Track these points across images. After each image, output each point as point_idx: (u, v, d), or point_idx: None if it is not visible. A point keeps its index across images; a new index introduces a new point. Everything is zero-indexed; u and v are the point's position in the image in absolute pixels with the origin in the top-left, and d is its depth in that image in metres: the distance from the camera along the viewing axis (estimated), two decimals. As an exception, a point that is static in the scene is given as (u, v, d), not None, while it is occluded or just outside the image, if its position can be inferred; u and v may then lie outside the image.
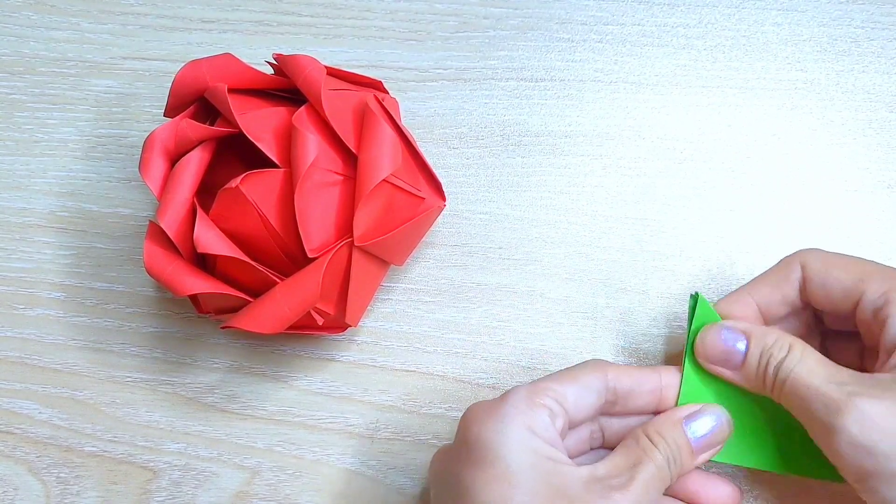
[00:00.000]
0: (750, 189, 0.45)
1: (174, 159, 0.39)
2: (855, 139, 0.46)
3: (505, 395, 0.36)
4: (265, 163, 0.38)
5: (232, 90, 0.39)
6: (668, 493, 0.37)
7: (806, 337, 0.38)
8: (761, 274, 0.39)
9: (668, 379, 0.38)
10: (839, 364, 0.35)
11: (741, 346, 0.37)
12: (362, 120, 0.39)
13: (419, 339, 0.44)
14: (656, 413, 0.38)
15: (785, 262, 0.39)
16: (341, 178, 0.38)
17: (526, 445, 0.34)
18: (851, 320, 0.38)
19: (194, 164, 0.39)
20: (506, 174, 0.46)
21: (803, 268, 0.38)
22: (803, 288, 0.38)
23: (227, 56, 0.40)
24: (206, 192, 0.39)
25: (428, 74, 0.47)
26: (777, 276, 0.39)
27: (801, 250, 0.39)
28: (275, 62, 0.41)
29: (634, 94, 0.47)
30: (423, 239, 0.43)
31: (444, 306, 0.44)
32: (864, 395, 0.33)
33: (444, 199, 0.42)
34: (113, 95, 0.48)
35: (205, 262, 0.40)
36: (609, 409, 0.38)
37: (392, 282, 0.45)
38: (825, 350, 0.38)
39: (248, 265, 0.38)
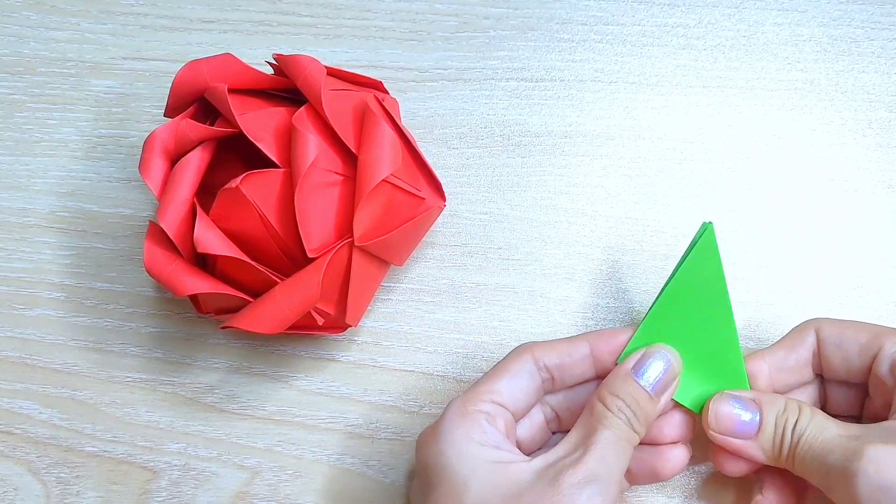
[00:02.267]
0: (750, 189, 0.45)
1: (174, 159, 0.39)
2: (855, 139, 0.46)
3: (443, 412, 0.36)
4: (265, 163, 0.38)
5: (232, 90, 0.39)
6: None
7: None
8: (775, 342, 0.40)
9: (599, 345, 0.38)
10: None
11: (753, 416, 0.37)
12: (362, 120, 0.39)
13: (419, 339, 0.44)
14: (597, 379, 0.38)
15: (798, 328, 0.39)
16: (341, 178, 0.38)
17: (468, 456, 0.34)
18: (859, 390, 0.39)
19: (194, 164, 0.39)
20: (506, 174, 0.46)
21: (818, 331, 0.39)
22: (817, 353, 0.39)
23: (227, 56, 0.40)
24: (206, 192, 0.39)
25: (428, 74, 0.47)
26: (791, 341, 0.39)
27: (812, 318, 0.39)
28: (275, 62, 0.41)
29: (634, 94, 0.47)
30: (423, 239, 0.43)
31: (444, 306, 0.44)
32: (878, 442, 0.34)
33: (444, 199, 0.42)
34: (113, 96, 0.48)
35: (205, 262, 0.40)
36: (550, 387, 0.38)
37: (392, 282, 0.45)
38: None
39: (248, 265, 0.38)
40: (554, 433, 0.40)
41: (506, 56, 0.47)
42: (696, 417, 0.38)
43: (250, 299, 0.38)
